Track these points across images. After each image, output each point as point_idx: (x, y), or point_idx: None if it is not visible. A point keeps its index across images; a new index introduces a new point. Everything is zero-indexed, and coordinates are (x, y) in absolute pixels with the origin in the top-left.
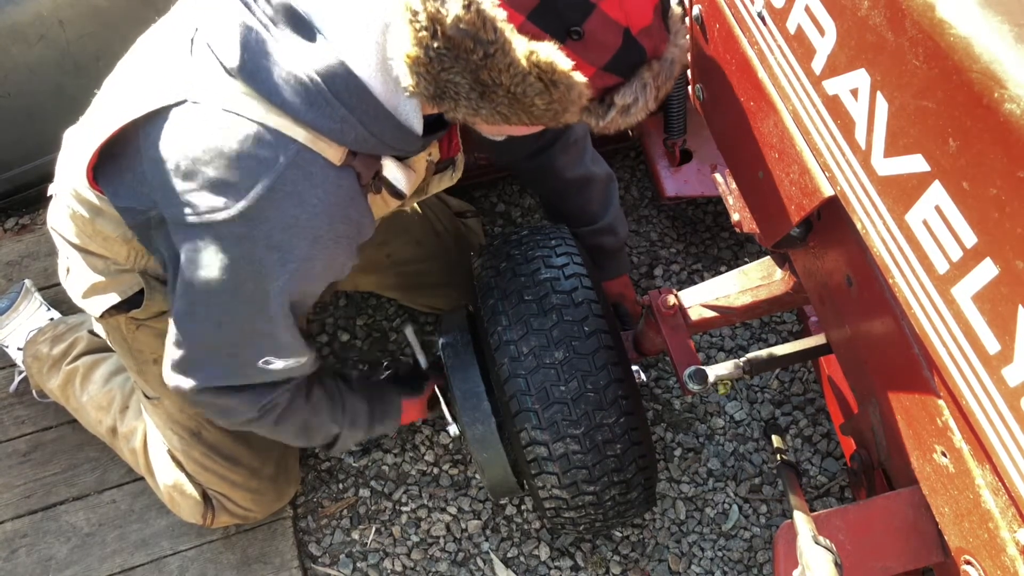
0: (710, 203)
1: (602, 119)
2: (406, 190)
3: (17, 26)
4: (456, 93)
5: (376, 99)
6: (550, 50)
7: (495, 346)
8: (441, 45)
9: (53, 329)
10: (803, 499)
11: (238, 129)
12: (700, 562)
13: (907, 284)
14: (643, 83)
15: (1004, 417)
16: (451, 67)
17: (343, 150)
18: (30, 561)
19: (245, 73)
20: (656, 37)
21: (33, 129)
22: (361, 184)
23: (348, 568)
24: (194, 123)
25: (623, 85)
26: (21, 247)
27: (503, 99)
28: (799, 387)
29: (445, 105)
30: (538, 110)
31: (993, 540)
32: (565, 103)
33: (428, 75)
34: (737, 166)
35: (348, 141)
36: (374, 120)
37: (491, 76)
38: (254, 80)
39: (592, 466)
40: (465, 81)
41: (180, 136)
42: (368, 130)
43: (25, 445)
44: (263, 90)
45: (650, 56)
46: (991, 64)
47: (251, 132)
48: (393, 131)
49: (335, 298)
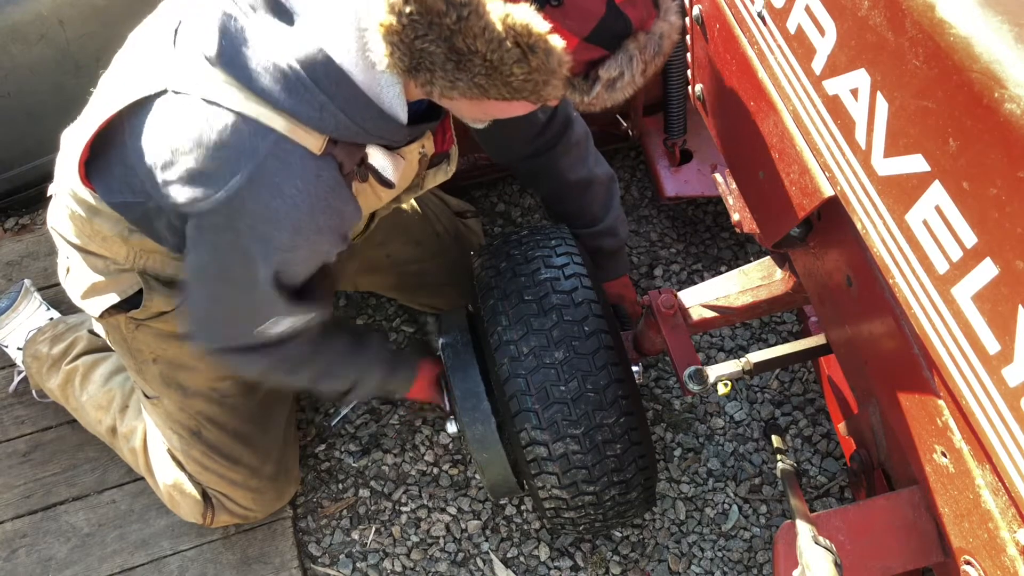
0: (710, 203)
1: (587, 94)
2: (394, 178)
3: (17, 26)
4: (432, 63)
5: (357, 86)
6: (527, 12)
7: (495, 346)
8: (414, 10)
9: (53, 329)
10: (803, 500)
11: (217, 119)
12: (700, 562)
13: (907, 284)
14: (629, 56)
15: (1004, 417)
16: (424, 34)
17: (323, 139)
18: (30, 561)
19: (224, 61)
20: (643, 9)
21: (33, 129)
22: (344, 173)
23: (348, 568)
24: (174, 113)
25: (608, 58)
26: (21, 247)
27: (480, 68)
28: (799, 387)
29: (421, 77)
30: (517, 81)
31: (993, 540)
32: (545, 72)
33: (402, 44)
34: (737, 166)
35: (328, 129)
36: (354, 107)
37: (466, 42)
38: (233, 68)
39: (592, 466)
40: (440, 50)
41: (161, 126)
42: (349, 117)
43: (25, 445)
44: (242, 78)
45: (636, 28)
46: (991, 64)
47: (229, 122)
48: (375, 119)
49: (335, 298)
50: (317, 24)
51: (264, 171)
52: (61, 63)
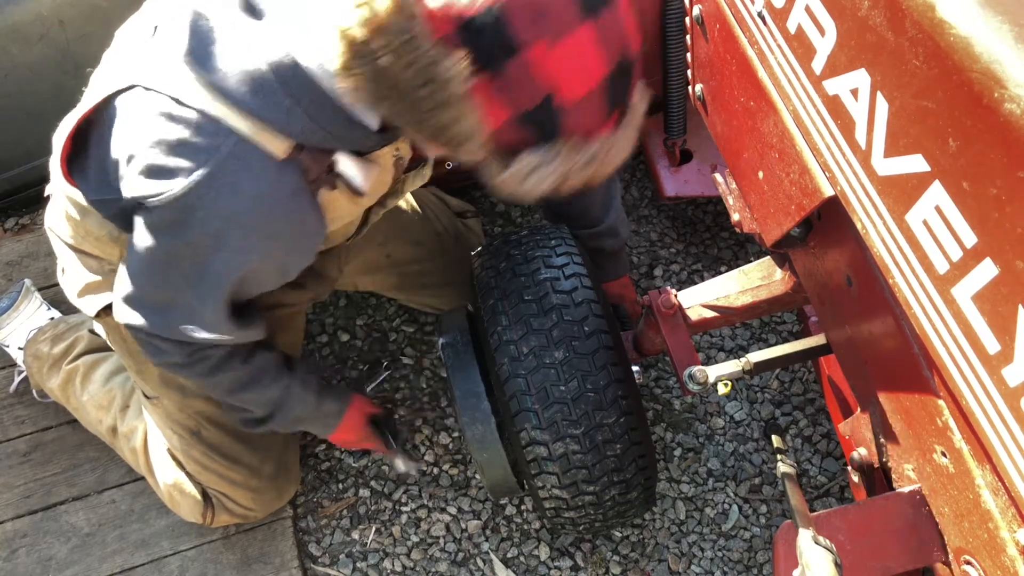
0: (710, 203)
1: (498, 175)
2: (364, 187)
3: (17, 26)
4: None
5: (323, 91)
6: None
7: (495, 346)
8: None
9: (53, 328)
10: (803, 500)
11: (180, 117)
12: (700, 562)
13: (907, 284)
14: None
15: (1004, 417)
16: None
17: (289, 143)
18: (30, 561)
19: (193, 60)
20: (588, 116)
21: (33, 129)
22: (310, 179)
23: (348, 568)
24: (141, 109)
25: (532, 146)
26: (21, 247)
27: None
28: (799, 387)
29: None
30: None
31: (993, 540)
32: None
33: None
34: (737, 166)
35: (294, 133)
36: (321, 112)
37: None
38: (201, 67)
39: (592, 466)
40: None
41: (128, 122)
42: (315, 122)
43: (25, 445)
44: (210, 78)
45: (571, 132)
46: (991, 64)
47: (192, 120)
48: (343, 125)
49: (335, 298)
50: (287, 27)
51: (223, 170)
52: (61, 63)
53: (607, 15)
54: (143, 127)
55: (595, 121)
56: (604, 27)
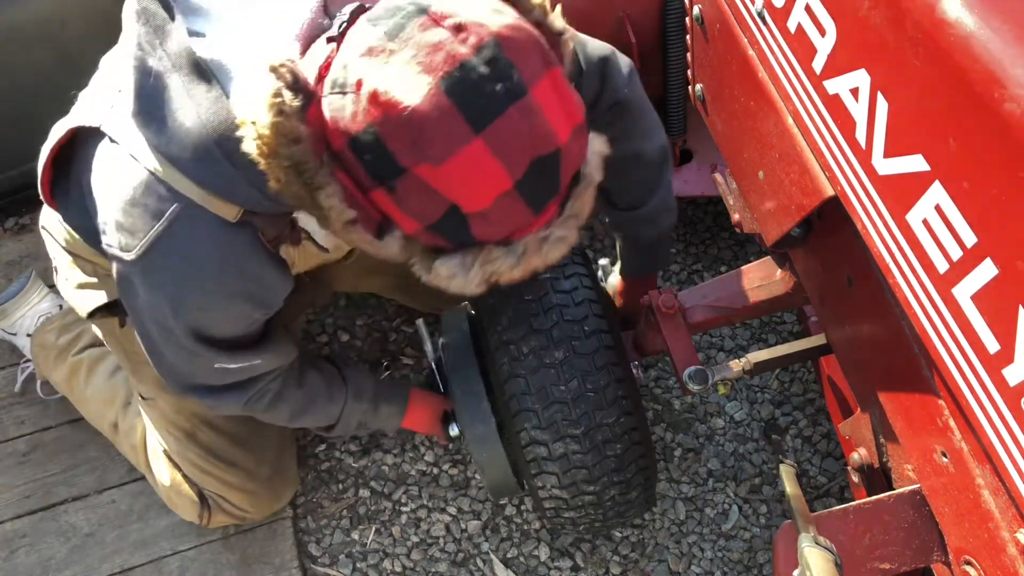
0: (710, 203)
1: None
2: (328, 245)
3: (17, 26)
4: None
5: None
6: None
7: (495, 346)
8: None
9: (62, 319)
10: (803, 499)
11: (133, 176)
12: (700, 562)
13: (907, 284)
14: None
15: (1004, 417)
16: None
17: (238, 208)
18: (30, 561)
19: (142, 121)
20: (503, 221)
21: (33, 129)
22: (268, 239)
23: (348, 568)
24: (107, 160)
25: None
26: (21, 247)
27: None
28: (799, 387)
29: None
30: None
31: (993, 540)
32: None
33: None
34: (737, 166)
35: (240, 201)
36: (265, 183)
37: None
38: (147, 129)
39: (592, 466)
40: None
41: (98, 170)
42: (260, 192)
43: (25, 445)
44: (155, 141)
45: (487, 238)
46: (991, 64)
47: (143, 180)
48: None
49: (335, 298)
50: (233, 94)
51: (171, 234)
52: (61, 63)
53: (502, 125)
54: (108, 180)
55: (515, 223)
56: (499, 138)
